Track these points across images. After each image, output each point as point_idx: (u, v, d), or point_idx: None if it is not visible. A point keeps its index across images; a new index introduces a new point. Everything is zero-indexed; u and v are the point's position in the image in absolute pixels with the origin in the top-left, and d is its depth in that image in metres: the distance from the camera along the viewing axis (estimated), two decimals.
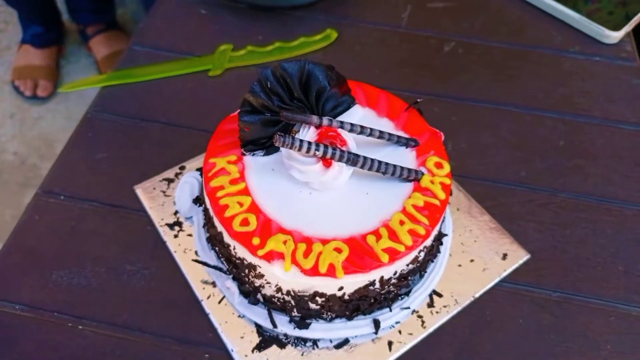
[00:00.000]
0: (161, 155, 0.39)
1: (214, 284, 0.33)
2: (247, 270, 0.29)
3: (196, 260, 0.33)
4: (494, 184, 0.39)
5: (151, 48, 0.47)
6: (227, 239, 0.29)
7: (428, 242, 0.29)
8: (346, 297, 0.29)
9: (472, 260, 0.35)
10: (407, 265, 0.29)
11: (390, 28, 0.49)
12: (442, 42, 0.48)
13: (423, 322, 0.32)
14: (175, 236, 0.35)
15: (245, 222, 0.28)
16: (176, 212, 0.36)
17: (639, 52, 0.49)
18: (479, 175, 0.40)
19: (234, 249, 0.29)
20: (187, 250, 0.35)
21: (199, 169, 0.37)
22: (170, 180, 0.38)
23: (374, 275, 0.28)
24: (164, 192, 0.37)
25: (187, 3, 0.50)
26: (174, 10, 0.50)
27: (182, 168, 0.39)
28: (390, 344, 0.31)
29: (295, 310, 0.30)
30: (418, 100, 0.34)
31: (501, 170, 0.40)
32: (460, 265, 0.35)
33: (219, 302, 0.33)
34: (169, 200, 0.37)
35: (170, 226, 0.36)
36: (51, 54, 1.21)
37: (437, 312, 0.33)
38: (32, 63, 1.19)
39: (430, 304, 0.33)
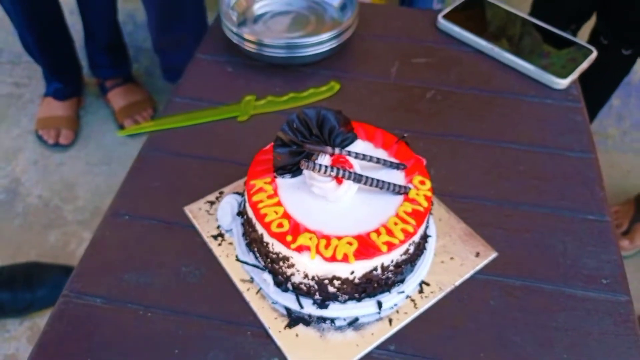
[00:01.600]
0: (203, 183, 0.49)
1: (251, 280, 0.42)
2: (281, 262, 0.39)
3: (239, 260, 0.43)
4: (468, 200, 0.49)
5: (189, 99, 0.58)
6: (266, 238, 0.39)
7: (416, 238, 0.39)
8: (356, 280, 0.38)
9: (452, 258, 0.45)
10: (401, 255, 0.39)
11: (382, 80, 0.61)
12: (424, 90, 0.60)
13: (415, 304, 0.42)
14: (219, 244, 0.45)
15: (280, 225, 0.38)
16: (218, 227, 0.46)
17: (584, 95, 0.61)
18: (457, 194, 0.50)
19: (272, 245, 0.38)
20: (229, 255, 0.44)
21: (236, 192, 0.47)
22: (212, 202, 0.48)
23: (376, 262, 0.37)
24: (207, 211, 0.47)
25: (216, 63, 0.62)
26: (206, 69, 0.61)
27: (221, 192, 0.49)
28: (390, 320, 0.41)
29: (317, 294, 0.40)
30: (405, 135, 0.45)
31: (474, 190, 0.50)
32: (442, 262, 0.44)
33: (256, 293, 0.42)
34: (212, 218, 0.47)
35: (214, 237, 0.45)
36: (72, 106, 1.33)
37: (426, 297, 0.42)
38: (55, 114, 1.30)
39: (420, 291, 0.42)
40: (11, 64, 1.48)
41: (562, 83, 0.60)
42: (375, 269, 0.38)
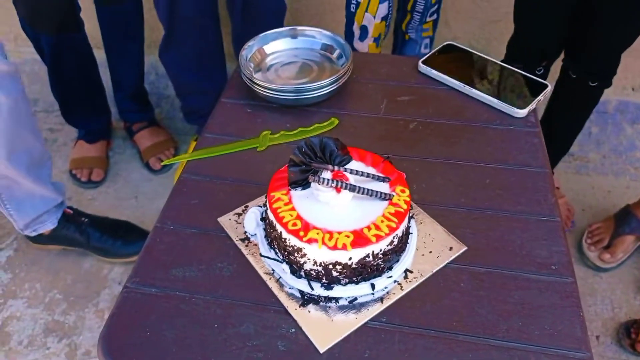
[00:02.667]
0: (231, 200, 0.62)
1: (272, 271, 0.54)
2: (295, 253, 0.51)
3: (262, 255, 0.55)
4: (443, 208, 0.61)
5: (217, 135, 0.71)
6: (284, 235, 0.51)
7: (399, 232, 0.51)
8: (353, 265, 0.50)
9: (430, 252, 0.56)
10: (387, 245, 0.51)
11: (372, 115, 0.74)
12: (407, 122, 0.73)
13: (401, 286, 0.53)
14: (246, 246, 0.57)
15: (294, 224, 0.50)
16: (245, 232, 0.58)
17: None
18: (434, 203, 0.62)
19: (288, 240, 0.50)
20: (254, 253, 0.56)
21: (258, 205, 0.59)
22: (239, 214, 0.60)
23: (368, 249, 0.49)
24: (236, 221, 0.60)
25: (237, 105, 0.76)
26: (229, 110, 0.75)
27: (246, 206, 0.61)
28: (381, 299, 0.52)
29: (324, 278, 0.51)
30: (389, 156, 0.57)
31: (448, 199, 0.62)
32: (423, 255, 0.56)
33: (276, 281, 0.53)
34: (239, 226, 0.59)
35: (242, 240, 0.58)
36: (102, 147, 1.48)
37: (410, 281, 0.54)
38: (87, 155, 1.45)
39: (405, 277, 0.54)
40: (45, 112, 1.65)
41: (522, 112, 0.73)
42: (368, 256, 0.50)
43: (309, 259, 0.50)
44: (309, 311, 0.51)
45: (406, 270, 0.54)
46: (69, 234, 1.21)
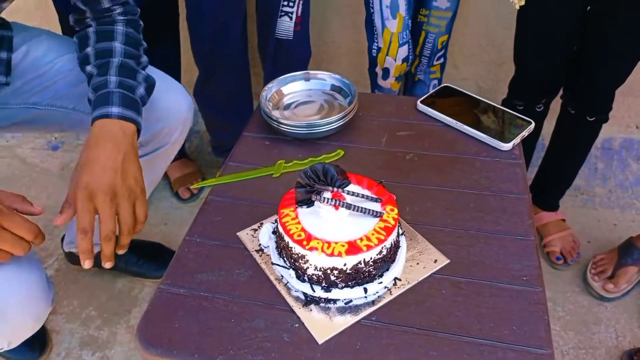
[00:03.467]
0: (249, 218, 0.73)
1: (281, 277, 0.64)
2: (300, 260, 0.61)
3: (273, 263, 0.65)
4: (431, 227, 0.70)
5: (239, 163, 0.83)
6: (291, 244, 0.61)
7: (387, 243, 0.61)
8: (348, 270, 0.60)
9: (417, 263, 0.65)
10: (377, 254, 0.60)
11: (374, 147, 0.85)
12: (405, 154, 0.83)
13: (391, 292, 0.62)
14: (260, 256, 0.67)
15: (299, 235, 0.60)
16: (259, 245, 0.68)
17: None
18: (424, 223, 0.71)
19: (294, 248, 0.60)
20: (267, 262, 0.66)
21: (272, 222, 0.70)
22: (255, 229, 0.71)
23: (360, 257, 0.59)
24: (252, 235, 0.70)
25: (257, 138, 0.87)
26: (250, 142, 0.87)
27: (261, 223, 0.72)
28: (373, 302, 0.61)
29: (323, 282, 0.61)
30: (382, 180, 0.67)
31: (436, 220, 0.71)
32: (411, 266, 0.65)
33: (284, 285, 0.63)
34: (255, 239, 0.69)
35: (257, 251, 0.68)
36: None
37: (398, 287, 0.63)
38: None
39: (395, 283, 0.63)
40: None
41: (507, 146, 0.82)
42: (360, 262, 0.59)
43: (310, 265, 0.60)
44: (311, 310, 0.61)
45: (395, 278, 0.63)
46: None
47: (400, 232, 0.68)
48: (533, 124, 0.86)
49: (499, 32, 1.54)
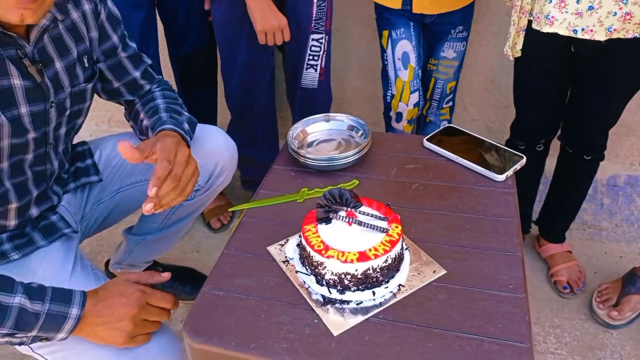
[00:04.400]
0: (277, 235, 0.86)
1: (303, 283, 0.77)
2: (319, 267, 0.73)
3: (297, 271, 0.78)
4: (432, 244, 0.82)
5: (269, 191, 0.97)
6: (311, 253, 0.74)
7: (391, 254, 0.73)
8: (359, 275, 0.72)
9: (419, 273, 0.77)
10: (383, 262, 0.72)
11: (385, 178, 0.98)
12: (411, 184, 0.96)
13: (395, 295, 0.74)
14: (286, 265, 0.80)
15: (319, 246, 0.73)
16: (285, 257, 0.81)
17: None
18: (426, 241, 0.83)
19: (314, 257, 0.73)
20: (291, 271, 0.79)
21: (297, 237, 0.83)
22: (282, 244, 0.84)
23: (369, 264, 0.71)
24: (279, 249, 0.83)
25: (284, 170, 1.02)
26: (279, 174, 1.01)
27: (287, 239, 0.85)
28: (380, 303, 0.73)
29: (339, 285, 0.73)
30: (389, 204, 0.80)
31: (437, 239, 0.83)
32: (413, 275, 0.77)
33: (306, 289, 0.76)
34: (282, 252, 0.82)
35: (284, 262, 0.81)
36: None
37: (401, 292, 0.74)
38: None
39: (399, 289, 0.75)
40: None
41: (501, 177, 0.95)
42: (369, 269, 0.72)
43: (328, 270, 0.73)
44: (328, 309, 0.73)
45: (399, 285, 0.75)
46: None
47: (405, 247, 0.80)
48: (524, 159, 0.99)
49: (503, 78, 1.68)
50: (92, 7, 0.93)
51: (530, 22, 1.10)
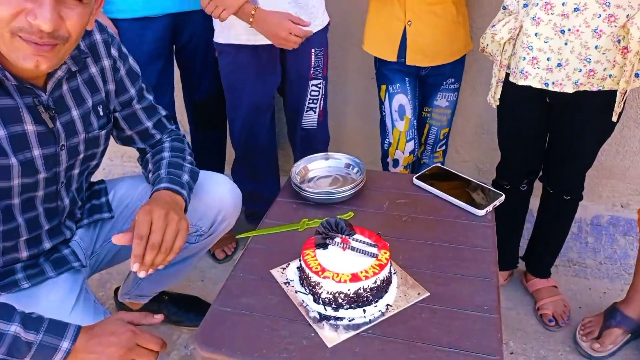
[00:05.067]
0: (280, 259, 0.96)
1: (302, 302, 0.86)
2: (316, 287, 0.83)
3: (297, 291, 0.87)
4: (417, 270, 0.92)
5: (273, 220, 1.08)
6: (310, 274, 0.84)
7: (380, 276, 0.83)
8: (351, 294, 0.82)
9: (405, 294, 0.87)
10: (372, 284, 0.82)
11: (377, 212, 1.09)
12: (401, 216, 1.07)
13: (383, 314, 0.83)
14: (287, 286, 0.90)
15: (316, 268, 0.83)
16: (287, 279, 0.91)
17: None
18: (412, 267, 0.93)
19: (312, 277, 0.83)
20: (291, 291, 0.89)
21: (297, 261, 0.93)
22: (284, 268, 0.94)
23: (360, 284, 0.81)
24: (281, 272, 0.93)
25: (287, 203, 1.13)
26: (282, 206, 1.12)
27: (288, 264, 0.95)
28: (370, 320, 0.82)
29: (333, 303, 0.83)
30: (379, 232, 0.91)
31: (422, 265, 0.93)
32: (400, 296, 0.87)
33: (304, 307, 0.85)
34: (284, 275, 0.92)
35: (284, 283, 0.91)
36: None
37: (389, 311, 0.84)
38: None
39: (387, 308, 0.84)
40: None
41: (481, 212, 1.05)
42: (360, 289, 0.82)
43: (324, 290, 0.83)
44: (323, 325, 0.82)
45: (387, 304, 0.85)
46: (153, 307, 1.55)
47: (393, 271, 0.90)
48: (503, 196, 1.10)
49: (492, 123, 1.80)
50: (111, 63, 1.05)
51: (508, 74, 1.23)
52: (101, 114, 1.05)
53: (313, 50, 1.48)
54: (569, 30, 1.07)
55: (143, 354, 0.89)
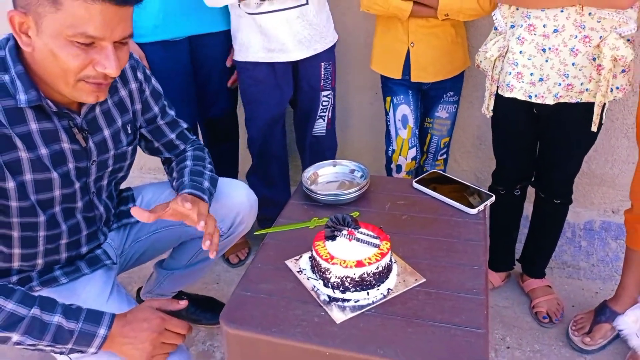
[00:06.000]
0: (293, 252, 1.08)
1: (313, 287, 0.98)
2: (326, 272, 0.95)
3: (309, 278, 1.00)
4: (416, 260, 1.04)
5: (286, 219, 1.20)
6: (320, 261, 0.96)
7: (382, 263, 0.95)
8: (356, 278, 0.94)
9: (404, 280, 0.99)
10: (375, 269, 0.94)
11: (380, 211, 1.21)
12: (401, 215, 1.19)
13: (385, 296, 0.95)
14: (300, 274, 1.02)
15: (326, 256, 0.96)
16: (300, 268, 1.04)
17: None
18: (411, 257, 1.05)
19: (323, 264, 0.95)
20: (304, 278, 1.01)
21: (309, 252, 1.05)
22: (297, 259, 1.06)
23: (364, 269, 0.93)
24: (295, 262, 1.05)
25: (299, 204, 1.26)
26: (295, 207, 1.25)
27: (301, 255, 1.07)
28: (373, 302, 0.94)
29: (341, 287, 0.95)
30: (381, 226, 1.03)
31: (419, 256, 1.05)
32: (399, 282, 0.98)
33: (315, 292, 0.97)
34: (297, 265, 1.05)
35: (298, 272, 1.03)
36: None
37: (390, 294, 0.96)
38: None
39: (388, 292, 0.96)
40: None
41: (473, 211, 1.17)
42: (364, 273, 0.94)
43: (332, 275, 0.95)
44: (332, 306, 0.94)
45: (388, 288, 0.97)
46: None
47: (394, 261, 1.02)
48: (494, 197, 1.22)
49: (489, 135, 1.93)
50: (138, 85, 1.19)
51: (498, 87, 1.36)
52: (129, 131, 1.19)
53: (322, 64, 1.63)
54: (549, 49, 1.20)
55: (171, 337, 1.03)
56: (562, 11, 1.16)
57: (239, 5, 1.50)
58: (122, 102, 1.16)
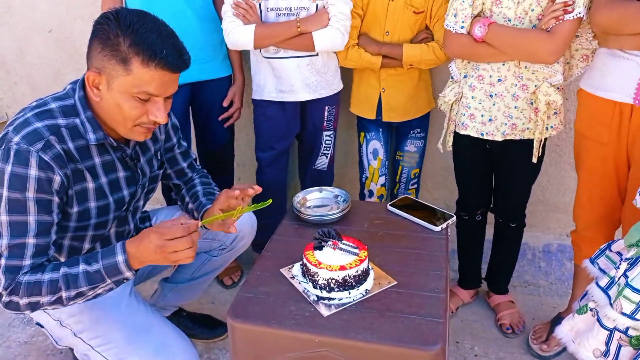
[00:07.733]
0: (287, 261, 1.28)
1: (304, 290, 1.18)
2: (315, 275, 1.15)
3: (300, 281, 1.19)
4: (390, 268, 1.25)
5: (279, 236, 1.41)
6: (309, 266, 1.16)
7: (360, 268, 1.15)
8: (340, 280, 1.14)
9: (379, 283, 1.19)
10: (354, 273, 1.15)
11: (360, 229, 1.43)
12: (377, 232, 1.41)
13: (363, 295, 1.15)
14: (293, 279, 1.22)
15: (315, 261, 1.16)
16: (292, 274, 1.23)
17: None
18: (385, 265, 1.26)
19: (312, 269, 1.16)
20: (296, 282, 1.21)
21: (300, 261, 1.26)
22: (289, 267, 1.26)
23: (346, 272, 1.13)
24: (288, 269, 1.25)
25: (290, 225, 1.46)
26: (287, 226, 1.45)
27: (293, 264, 1.27)
28: (354, 300, 1.14)
29: (327, 288, 1.15)
30: (360, 239, 1.24)
31: (391, 264, 1.26)
32: (375, 284, 1.19)
33: (305, 293, 1.17)
34: (290, 272, 1.24)
35: (291, 277, 1.23)
36: None
37: (368, 293, 1.16)
38: None
39: (366, 292, 1.16)
40: None
41: (437, 229, 1.39)
42: (346, 276, 1.14)
43: (320, 277, 1.15)
44: (320, 304, 1.14)
45: (366, 289, 1.17)
46: (173, 321, 1.84)
47: (370, 267, 1.23)
48: (454, 217, 1.44)
49: None
50: None
51: (455, 126, 1.62)
52: (159, 157, 1.41)
53: (326, 107, 1.89)
54: (495, 94, 1.46)
55: (177, 245, 1.07)
56: (503, 65, 1.43)
57: (259, 50, 1.75)
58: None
